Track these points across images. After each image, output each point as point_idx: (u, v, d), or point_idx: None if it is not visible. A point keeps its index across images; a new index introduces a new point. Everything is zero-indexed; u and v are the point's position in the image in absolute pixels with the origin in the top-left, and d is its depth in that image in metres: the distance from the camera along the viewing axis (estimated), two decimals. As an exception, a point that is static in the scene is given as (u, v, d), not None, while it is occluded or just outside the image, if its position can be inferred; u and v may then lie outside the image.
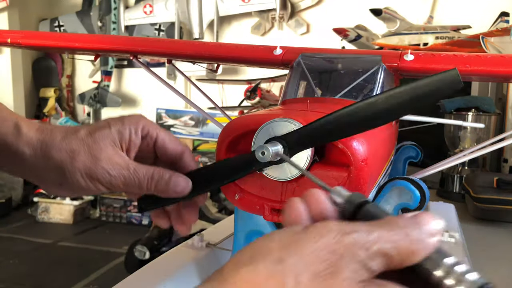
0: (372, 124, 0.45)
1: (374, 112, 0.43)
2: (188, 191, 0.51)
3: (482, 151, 0.77)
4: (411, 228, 0.31)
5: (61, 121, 4.14)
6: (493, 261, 1.04)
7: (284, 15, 3.50)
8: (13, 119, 0.51)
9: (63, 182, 0.50)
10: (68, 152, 0.49)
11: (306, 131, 0.46)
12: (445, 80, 0.41)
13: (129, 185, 0.50)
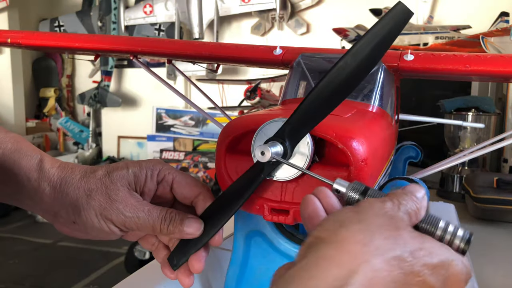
0: (352, 85, 0.45)
1: (348, 73, 0.44)
2: (200, 231, 0.52)
3: (482, 151, 0.77)
4: (412, 193, 0.40)
5: (61, 121, 4.14)
6: (493, 261, 1.04)
7: (284, 15, 3.50)
8: (37, 155, 0.53)
9: (77, 220, 0.51)
10: (85, 190, 0.50)
11: (296, 118, 0.46)
12: (396, 15, 0.42)
13: (143, 226, 0.50)
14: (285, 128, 0.47)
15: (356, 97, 0.67)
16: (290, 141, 0.48)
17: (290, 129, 0.47)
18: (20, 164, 0.52)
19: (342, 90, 0.45)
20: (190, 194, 0.55)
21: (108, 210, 0.49)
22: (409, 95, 2.10)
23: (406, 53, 0.71)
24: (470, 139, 1.66)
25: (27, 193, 0.52)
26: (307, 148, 0.50)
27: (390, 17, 0.42)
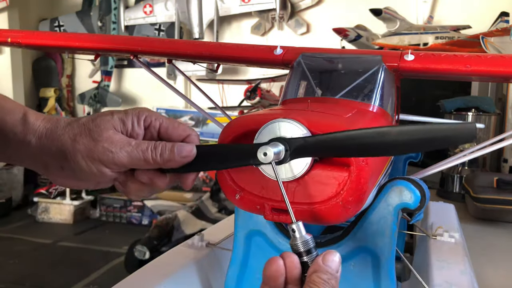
0: (377, 152, 0.46)
1: (383, 142, 0.43)
2: (194, 154, 0.51)
3: (482, 151, 0.77)
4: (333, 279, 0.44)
5: (61, 121, 4.14)
6: (493, 261, 1.04)
7: (284, 15, 3.50)
8: (21, 110, 0.53)
9: (64, 165, 0.51)
10: (69, 136, 0.50)
11: (313, 141, 0.47)
12: (461, 131, 0.41)
13: (134, 160, 0.50)
14: (299, 141, 0.47)
15: (356, 97, 0.67)
16: (294, 154, 0.48)
17: (302, 145, 0.47)
18: (5, 120, 0.52)
19: (368, 150, 0.45)
20: (178, 138, 0.54)
21: (94, 151, 0.49)
22: (409, 95, 2.10)
23: (406, 53, 0.71)
24: (470, 139, 1.66)
25: (15, 147, 0.52)
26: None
27: (456, 128, 0.41)
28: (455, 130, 0.41)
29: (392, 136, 0.43)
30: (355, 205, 0.51)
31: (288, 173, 0.51)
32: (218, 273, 0.79)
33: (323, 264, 0.44)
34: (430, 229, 0.92)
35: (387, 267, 0.60)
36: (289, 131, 0.49)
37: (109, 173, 0.51)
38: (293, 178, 0.51)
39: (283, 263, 0.45)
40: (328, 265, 0.44)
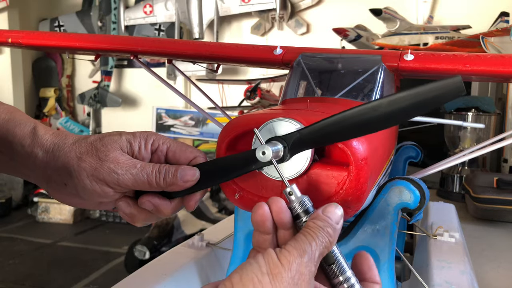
0: (373, 128, 0.45)
1: (376, 116, 0.44)
2: (197, 178, 0.52)
3: (482, 151, 0.77)
4: (329, 222, 0.44)
5: (61, 121, 4.14)
6: (493, 261, 1.04)
7: (284, 15, 3.50)
8: (31, 124, 0.54)
9: (68, 182, 0.51)
10: (76, 153, 0.51)
11: (307, 132, 0.47)
12: (448, 87, 0.41)
13: (138, 182, 0.50)
14: (294, 135, 0.47)
15: (356, 96, 0.67)
16: (293, 149, 0.48)
17: (298, 138, 0.47)
18: (14, 132, 0.53)
19: (363, 128, 0.45)
20: (186, 161, 0.55)
21: (99, 171, 0.50)
22: (409, 95, 2.10)
23: (406, 53, 0.71)
24: (470, 139, 1.66)
25: (21, 160, 0.53)
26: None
27: (442, 85, 0.41)
28: (442, 88, 0.41)
29: (384, 108, 0.43)
30: (354, 204, 0.51)
31: (287, 172, 0.51)
32: (218, 273, 0.79)
33: (321, 213, 0.45)
34: (430, 229, 0.92)
35: (387, 267, 0.60)
36: (288, 130, 0.49)
37: (112, 193, 0.51)
38: (291, 177, 0.51)
39: (268, 209, 0.45)
40: (326, 215, 0.45)
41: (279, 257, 0.41)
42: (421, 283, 0.65)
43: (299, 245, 0.43)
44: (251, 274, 0.40)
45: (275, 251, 0.42)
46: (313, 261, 0.42)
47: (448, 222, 0.96)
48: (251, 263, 0.41)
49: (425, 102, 0.42)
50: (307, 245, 0.43)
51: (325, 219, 0.44)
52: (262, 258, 0.42)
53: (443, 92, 0.41)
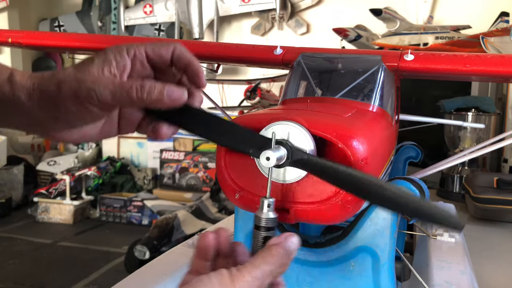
0: (366, 198, 0.47)
1: (376, 193, 0.45)
2: (184, 99, 0.50)
3: (482, 151, 0.77)
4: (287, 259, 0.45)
5: (61, 121, 4.14)
6: (493, 261, 1.04)
7: (284, 15, 3.50)
8: (7, 71, 0.52)
9: (57, 115, 0.50)
10: (55, 84, 0.49)
11: (314, 161, 0.47)
12: (446, 220, 0.43)
13: (118, 98, 0.48)
14: (302, 154, 0.48)
15: (356, 96, 0.67)
16: (293, 163, 0.48)
17: (303, 159, 0.48)
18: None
19: (358, 192, 0.46)
20: (167, 52, 0.51)
21: (79, 93, 0.48)
22: (409, 95, 2.10)
23: (406, 53, 0.71)
24: (470, 139, 1.66)
25: (5, 108, 0.52)
26: (309, 149, 0.50)
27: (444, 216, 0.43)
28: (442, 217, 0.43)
29: (388, 194, 0.44)
30: (354, 204, 0.51)
31: (289, 175, 0.51)
32: (218, 273, 0.79)
33: (284, 241, 0.45)
34: (430, 229, 0.92)
35: (387, 267, 0.60)
36: (294, 135, 0.50)
37: (99, 111, 0.49)
38: (294, 180, 0.51)
39: (214, 238, 0.48)
40: (288, 245, 0.45)
41: (232, 278, 0.43)
42: (421, 283, 0.65)
43: (254, 271, 0.44)
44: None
45: (229, 271, 0.43)
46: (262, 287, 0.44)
47: (448, 222, 0.96)
48: (203, 280, 0.42)
49: (422, 215, 0.44)
50: (262, 272, 0.44)
51: (286, 248, 0.45)
52: (215, 277, 0.43)
53: (440, 218, 0.43)
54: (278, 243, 0.46)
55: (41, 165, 3.70)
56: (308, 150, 0.50)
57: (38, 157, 4.09)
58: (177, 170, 3.70)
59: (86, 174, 3.52)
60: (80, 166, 3.68)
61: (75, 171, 3.48)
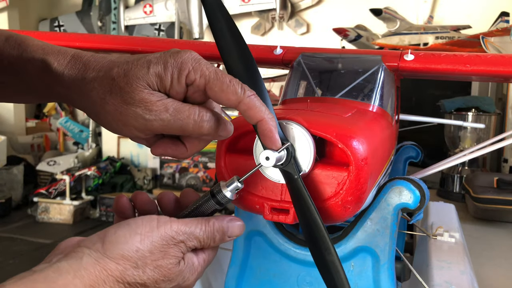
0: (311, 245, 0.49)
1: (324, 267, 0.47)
2: (231, 134, 0.50)
3: (482, 151, 0.77)
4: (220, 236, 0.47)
5: (61, 121, 4.14)
6: (493, 261, 1.04)
7: (284, 15, 3.50)
8: (39, 56, 0.48)
9: (97, 118, 0.47)
10: (99, 93, 0.44)
11: (296, 186, 0.48)
12: None
13: (170, 128, 0.45)
14: (293, 171, 0.48)
15: (356, 96, 0.67)
16: (283, 172, 0.49)
17: (291, 175, 0.49)
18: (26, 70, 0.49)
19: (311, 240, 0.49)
20: (227, 102, 0.46)
21: (125, 115, 0.43)
22: (409, 95, 2.10)
23: (406, 53, 0.71)
24: (470, 139, 1.66)
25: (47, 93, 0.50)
26: (309, 149, 0.50)
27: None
28: None
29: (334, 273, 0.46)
30: (354, 204, 0.51)
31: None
32: (218, 273, 0.79)
33: (225, 222, 0.47)
34: (430, 229, 0.92)
35: (387, 267, 0.60)
36: (292, 133, 0.50)
37: (143, 136, 0.47)
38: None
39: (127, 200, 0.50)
40: (227, 226, 0.47)
41: (159, 224, 0.43)
42: (421, 283, 0.65)
43: (182, 226, 0.44)
44: (125, 231, 0.42)
45: (159, 217, 0.44)
46: (185, 248, 0.44)
47: (448, 222, 0.96)
48: (129, 223, 0.43)
49: None
50: (189, 232, 0.44)
51: (223, 228, 0.46)
52: (143, 219, 0.44)
53: None
54: (220, 220, 0.47)
55: (41, 165, 3.70)
56: (308, 150, 0.50)
57: (38, 157, 4.08)
58: (177, 170, 3.70)
59: (86, 174, 3.52)
60: (80, 166, 3.67)
61: (75, 171, 3.48)
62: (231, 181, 0.48)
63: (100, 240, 0.42)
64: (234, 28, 0.49)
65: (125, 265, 0.41)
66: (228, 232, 0.47)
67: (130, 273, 0.41)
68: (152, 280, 0.42)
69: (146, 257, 0.42)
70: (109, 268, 0.40)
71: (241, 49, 0.50)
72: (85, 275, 0.39)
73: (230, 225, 0.47)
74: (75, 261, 0.40)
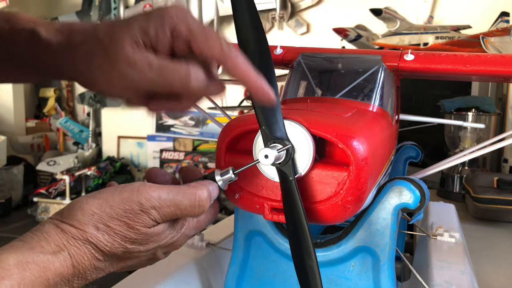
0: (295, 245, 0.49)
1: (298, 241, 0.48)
2: (223, 91, 0.50)
3: (482, 151, 0.76)
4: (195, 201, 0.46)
5: (61, 121, 4.14)
6: (493, 261, 1.04)
7: (284, 15, 3.50)
8: (29, 26, 0.48)
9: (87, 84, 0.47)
10: (83, 54, 0.44)
11: (289, 189, 0.49)
12: None
13: (158, 86, 0.44)
14: (289, 173, 0.49)
15: (356, 96, 0.67)
16: (279, 171, 0.49)
17: (286, 177, 0.49)
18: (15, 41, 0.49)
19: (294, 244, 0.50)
20: (212, 56, 0.46)
21: (112, 76, 0.43)
22: (409, 95, 2.10)
23: (406, 53, 0.71)
24: (470, 139, 1.66)
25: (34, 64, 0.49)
26: (308, 149, 0.50)
27: None
28: None
29: (311, 279, 0.47)
30: (354, 204, 0.51)
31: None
32: (218, 273, 0.79)
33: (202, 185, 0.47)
34: (430, 229, 0.92)
35: (387, 267, 0.60)
36: (294, 135, 0.50)
37: (134, 97, 0.46)
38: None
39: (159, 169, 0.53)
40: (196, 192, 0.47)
41: (139, 189, 0.43)
42: (421, 283, 0.65)
43: (164, 192, 0.44)
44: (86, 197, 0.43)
45: (143, 183, 0.44)
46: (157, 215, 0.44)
47: (448, 222, 0.96)
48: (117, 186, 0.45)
49: None
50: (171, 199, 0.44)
51: (199, 196, 0.46)
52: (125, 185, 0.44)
53: None
54: (197, 186, 0.47)
55: (41, 165, 3.70)
56: (308, 150, 0.50)
57: (38, 157, 4.09)
58: (177, 170, 3.70)
59: (86, 174, 3.52)
60: (80, 166, 3.68)
61: (75, 171, 3.48)
62: (226, 171, 0.49)
63: (62, 209, 0.43)
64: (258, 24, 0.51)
65: (83, 227, 0.42)
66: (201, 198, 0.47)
67: (92, 234, 0.42)
68: (118, 242, 0.43)
69: (106, 220, 0.42)
70: (69, 231, 0.41)
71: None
72: (48, 238, 0.40)
73: (203, 187, 0.47)
74: (37, 229, 0.41)
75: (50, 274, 0.39)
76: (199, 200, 0.46)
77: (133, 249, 0.45)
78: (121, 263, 0.47)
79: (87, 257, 0.42)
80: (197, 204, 0.46)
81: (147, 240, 0.45)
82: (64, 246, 0.41)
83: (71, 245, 0.41)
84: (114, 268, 0.47)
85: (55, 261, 0.39)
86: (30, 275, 0.37)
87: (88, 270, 0.43)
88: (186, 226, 0.49)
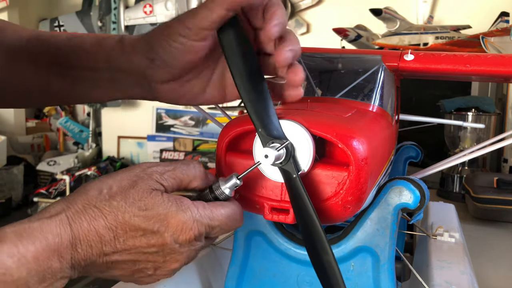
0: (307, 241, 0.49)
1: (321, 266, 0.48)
2: None
3: (482, 151, 0.76)
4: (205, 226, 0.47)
5: (61, 121, 4.14)
6: (493, 261, 1.04)
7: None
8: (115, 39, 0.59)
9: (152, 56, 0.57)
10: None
11: (294, 185, 0.49)
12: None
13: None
14: (292, 171, 0.49)
15: (356, 96, 0.67)
16: (282, 170, 0.49)
17: (289, 174, 0.49)
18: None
19: (309, 244, 0.50)
20: None
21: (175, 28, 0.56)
22: (409, 95, 2.10)
23: (406, 53, 0.71)
24: (470, 139, 1.66)
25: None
26: (308, 148, 0.50)
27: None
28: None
29: (330, 273, 0.47)
30: (354, 204, 0.51)
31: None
32: (218, 273, 0.79)
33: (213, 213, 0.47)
34: (430, 229, 0.92)
35: (387, 267, 0.60)
36: (294, 135, 0.50)
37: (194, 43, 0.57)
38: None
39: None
40: (214, 214, 0.47)
41: (155, 194, 0.44)
42: (421, 283, 0.65)
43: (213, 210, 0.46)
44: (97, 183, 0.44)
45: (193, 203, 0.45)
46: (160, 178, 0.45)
47: (448, 222, 0.96)
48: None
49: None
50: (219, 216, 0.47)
51: (213, 218, 0.47)
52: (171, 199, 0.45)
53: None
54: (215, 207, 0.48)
55: (41, 165, 3.70)
56: (308, 149, 0.50)
57: (38, 157, 4.08)
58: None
59: (86, 174, 3.52)
60: (80, 166, 3.68)
61: (75, 171, 3.48)
62: (230, 178, 0.49)
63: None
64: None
65: (86, 191, 0.43)
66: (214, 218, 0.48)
67: (93, 196, 0.43)
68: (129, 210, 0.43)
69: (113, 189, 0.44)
70: (70, 197, 0.43)
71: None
72: (48, 208, 0.42)
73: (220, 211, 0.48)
74: (46, 208, 0.42)
75: (48, 235, 0.39)
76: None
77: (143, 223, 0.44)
78: (130, 240, 0.45)
79: (85, 218, 0.42)
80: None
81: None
82: (62, 210, 0.41)
83: (70, 208, 0.41)
84: (121, 245, 0.45)
85: (51, 222, 0.40)
86: (26, 236, 0.38)
87: (90, 235, 0.42)
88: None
